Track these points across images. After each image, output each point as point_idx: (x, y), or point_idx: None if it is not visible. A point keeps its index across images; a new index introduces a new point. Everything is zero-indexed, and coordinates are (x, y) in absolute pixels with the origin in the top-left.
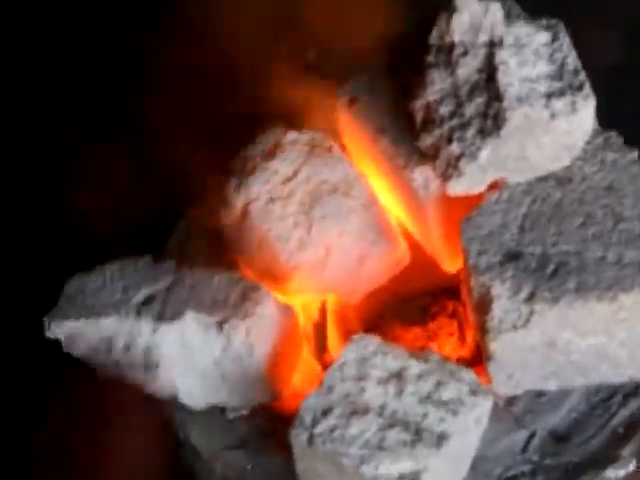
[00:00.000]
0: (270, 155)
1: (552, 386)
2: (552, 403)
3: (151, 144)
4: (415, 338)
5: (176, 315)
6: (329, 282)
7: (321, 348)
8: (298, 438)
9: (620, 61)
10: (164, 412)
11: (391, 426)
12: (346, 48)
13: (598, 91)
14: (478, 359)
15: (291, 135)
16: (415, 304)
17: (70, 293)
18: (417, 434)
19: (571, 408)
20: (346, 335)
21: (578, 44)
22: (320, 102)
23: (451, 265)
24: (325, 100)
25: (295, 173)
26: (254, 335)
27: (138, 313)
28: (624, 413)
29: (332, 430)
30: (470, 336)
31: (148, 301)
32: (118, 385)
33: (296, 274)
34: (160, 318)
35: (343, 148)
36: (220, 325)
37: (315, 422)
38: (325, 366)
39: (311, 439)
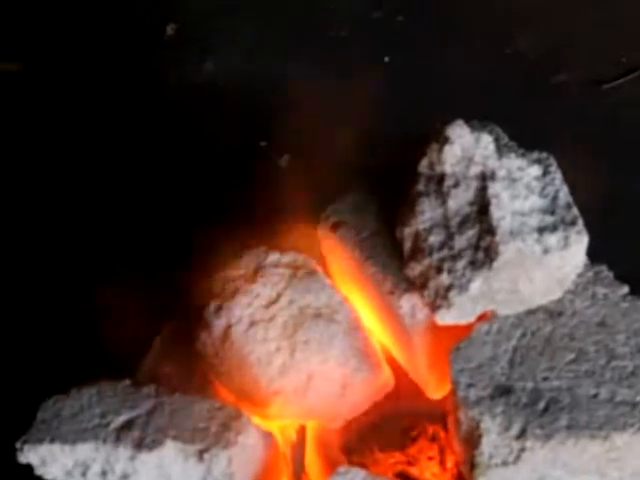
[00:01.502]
0: (252, 277)
1: None
2: None
3: None
4: (396, 463)
5: (156, 443)
6: (310, 408)
7: (299, 471)
8: None
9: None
10: None
11: None
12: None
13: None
14: None
15: (273, 257)
16: (395, 425)
17: (45, 417)
18: None
19: None
20: (326, 460)
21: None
22: (301, 225)
23: (435, 393)
24: (307, 223)
25: (278, 297)
26: (235, 465)
27: (117, 439)
28: None
29: None
30: (451, 461)
31: (127, 427)
32: None
33: (277, 399)
34: (139, 445)
35: (326, 270)
36: (201, 454)
37: None
38: None
39: None
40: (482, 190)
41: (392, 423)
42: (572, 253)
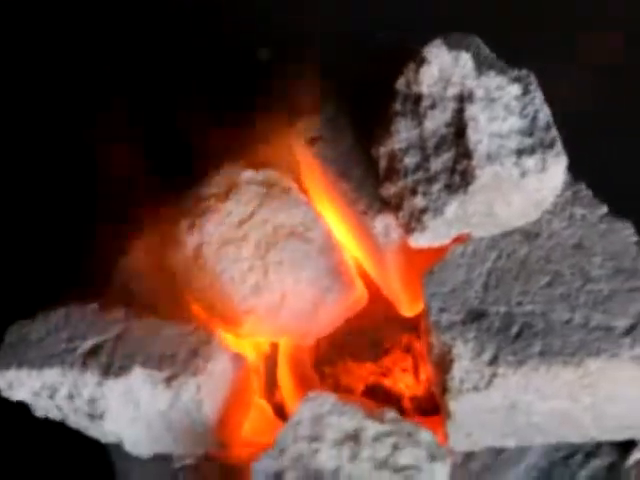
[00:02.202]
0: (225, 195)
1: (511, 444)
2: (511, 460)
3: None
4: (368, 374)
5: (123, 370)
6: (283, 327)
7: (271, 384)
8: None
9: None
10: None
11: None
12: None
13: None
14: (433, 398)
15: (246, 174)
16: (369, 337)
17: (12, 341)
18: None
19: (530, 466)
20: (298, 377)
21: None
22: (278, 136)
23: (409, 310)
24: (284, 134)
25: (251, 215)
26: (204, 392)
27: (83, 364)
28: (585, 473)
29: None
30: (425, 372)
31: (94, 352)
32: None
33: (249, 318)
34: (106, 371)
35: (302, 186)
36: (169, 381)
37: None
38: (275, 404)
39: None
40: (459, 112)
41: (366, 334)
42: (550, 176)
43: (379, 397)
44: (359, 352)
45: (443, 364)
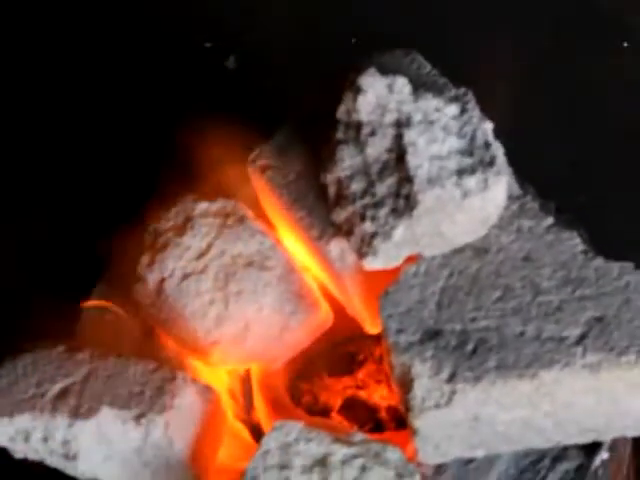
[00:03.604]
0: (181, 229)
1: (480, 454)
2: (481, 470)
3: None
4: (345, 387)
5: (92, 411)
6: (250, 354)
7: (249, 405)
8: None
9: None
10: None
11: None
12: None
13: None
14: None
15: (201, 206)
16: (342, 350)
17: None
18: None
19: (500, 474)
20: (271, 401)
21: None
22: (233, 163)
23: (373, 328)
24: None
25: (208, 247)
26: (173, 428)
27: (53, 408)
28: (553, 477)
29: None
30: None
31: (63, 395)
32: None
33: (215, 349)
34: (75, 414)
35: (261, 212)
36: (138, 419)
37: None
38: (252, 426)
39: None
40: (398, 138)
41: (339, 348)
42: (492, 194)
43: (357, 410)
44: (334, 366)
45: (404, 384)
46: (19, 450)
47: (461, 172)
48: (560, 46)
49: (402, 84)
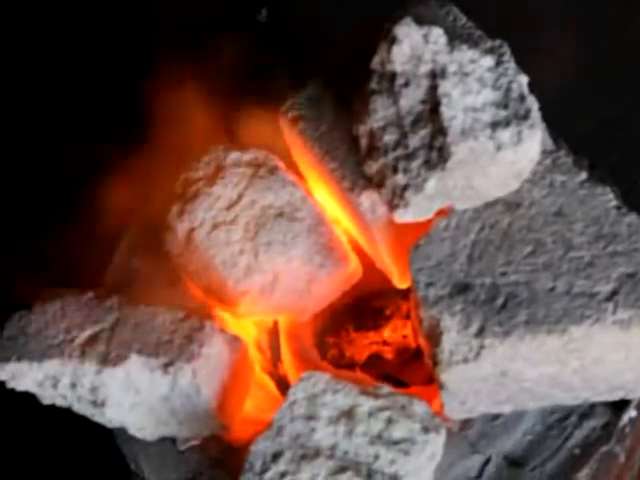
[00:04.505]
0: (212, 179)
1: (506, 410)
2: (507, 425)
3: None
4: (370, 343)
5: (120, 358)
6: (278, 305)
7: (276, 358)
8: None
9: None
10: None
11: (342, 469)
12: None
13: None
14: None
15: (233, 156)
16: (370, 305)
17: (11, 334)
18: (368, 477)
19: (526, 430)
20: (298, 353)
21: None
22: (265, 115)
23: (402, 282)
24: (269, 115)
25: (239, 197)
26: (201, 377)
27: (82, 354)
28: (580, 434)
29: (282, 476)
30: None
31: (92, 342)
32: None
33: (244, 299)
34: (104, 360)
35: (291, 163)
36: (166, 367)
37: (265, 468)
38: (279, 379)
39: None
40: (433, 89)
41: (366, 302)
42: (526, 147)
43: (381, 367)
44: (361, 321)
45: (432, 337)
46: (47, 396)
47: (495, 125)
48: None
49: (437, 35)
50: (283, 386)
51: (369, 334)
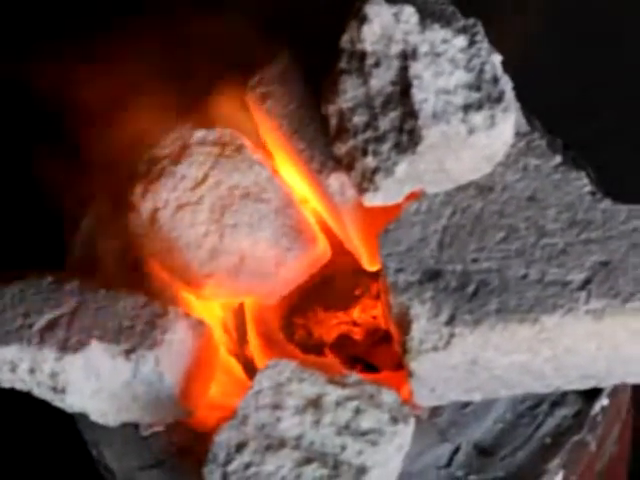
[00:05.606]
0: (177, 158)
1: (476, 398)
2: (477, 414)
3: None
4: (339, 323)
5: (81, 344)
6: (244, 288)
7: (242, 339)
8: (211, 476)
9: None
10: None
11: (308, 461)
12: None
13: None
14: None
15: (198, 134)
16: (338, 285)
17: None
18: (335, 468)
19: (497, 418)
20: (264, 336)
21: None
22: (232, 91)
23: (371, 265)
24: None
25: (204, 177)
26: (164, 364)
27: (41, 340)
28: (551, 422)
29: (246, 467)
30: None
31: (51, 327)
32: None
33: (209, 282)
34: (64, 347)
35: (260, 142)
36: (127, 354)
37: (229, 459)
38: (245, 361)
39: (225, 477)
40: (403, 70)
41: (335, 282)
42: (499, 131)
43: (349, 348)
44: (330, 301)
45: (402, 325)
46: (5, 380)
47: (467, 107)
48: None
49: (409, 13)
50: (250, 369)
51: (338, 314)
